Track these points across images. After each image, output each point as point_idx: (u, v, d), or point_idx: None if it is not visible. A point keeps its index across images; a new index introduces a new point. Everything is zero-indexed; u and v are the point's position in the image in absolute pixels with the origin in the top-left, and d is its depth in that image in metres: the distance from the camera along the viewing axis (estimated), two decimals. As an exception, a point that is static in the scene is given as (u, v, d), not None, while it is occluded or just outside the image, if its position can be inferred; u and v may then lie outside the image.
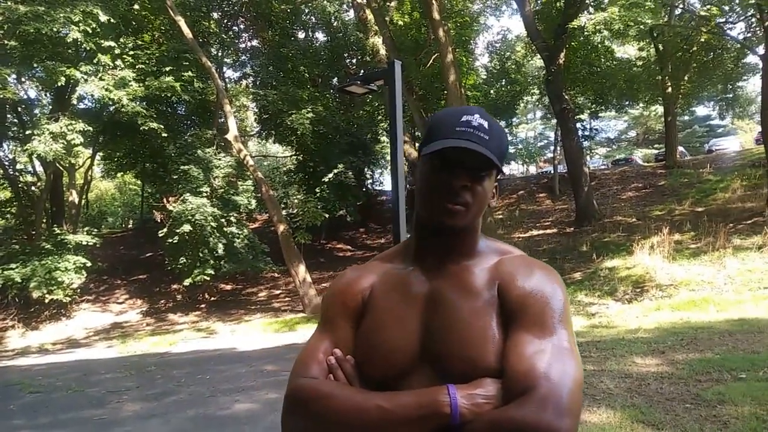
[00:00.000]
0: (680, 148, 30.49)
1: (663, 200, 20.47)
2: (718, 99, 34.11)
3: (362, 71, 24.01)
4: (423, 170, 1.16)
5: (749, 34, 21.28)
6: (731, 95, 32.01)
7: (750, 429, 3.87)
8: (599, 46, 23.57)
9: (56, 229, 19.35)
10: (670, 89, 23.92)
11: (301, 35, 28.23)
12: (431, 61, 21.10)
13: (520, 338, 1.04)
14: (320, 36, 29.05)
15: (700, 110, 45.13)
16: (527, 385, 0.96)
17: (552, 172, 28.50)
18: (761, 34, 17.52)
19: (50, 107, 20.71)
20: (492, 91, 29.93)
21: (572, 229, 19.51)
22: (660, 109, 32.34)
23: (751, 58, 23.38)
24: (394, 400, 1.01)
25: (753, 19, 19.31)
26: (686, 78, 24.07)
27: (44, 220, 21.82)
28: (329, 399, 1.06)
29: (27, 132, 17.61)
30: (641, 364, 6.07)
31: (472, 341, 1.06)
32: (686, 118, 43.14)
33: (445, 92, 19.11)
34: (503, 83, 30.67)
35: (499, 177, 1.19)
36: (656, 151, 38.02)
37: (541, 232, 20.48)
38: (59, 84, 16.75)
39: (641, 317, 9.65)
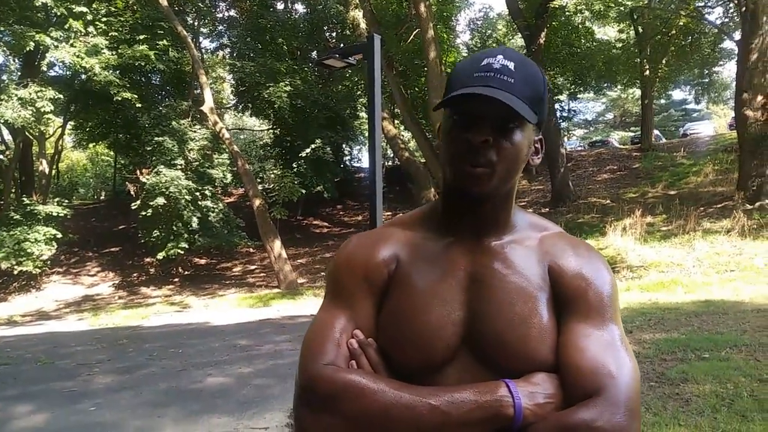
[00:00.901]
0: (656, 132, 30.92)
1: (637, 183, 20.78)
2: (695, 83, 34.60)
3: (342, 45, 23.74)
4: (442, 129, 0.99)
5: (726, 20, 21.55)
6: (707, 80, 32.48)
7: (710, 406, 3.98)
8: (580, 26, 23.64)
9: (26, 199, 18.99)
10: (647, 72, 24.15)
11: (280, 6, 27.72)
12: (412, 37, 20.93)
13: (579, 330, 0.93)
14: (299, 7, 28.57)
15: (677, 94, 45.87)
16: (595, 385, 0.87)
17: (529, 152, 28.66)
18: (738, 19, 17.70)
19: (19, 73, 20.15)
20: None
21: (548, 209, 19.71)
22: (637, 92, 32.72)
23: (728, 44, 23.73)
24: (448, 399, 0.87)
25: (731, 4, 19.51)
26: (664, 61, 24.30)
27: (13, 190, 21.38)
28: (368, 395, 0.88)
29: (-7, 97, 17.14)
30: (609, 343, 6.18)
31: (525, 330, 0.94)
32: (663, 101, 43.72)
33: (425, 69, 19.01)
34: (483, 62, 30.58)
35: (540, 131, 1.03)
36: (632, 134, 38.50)
37: (516, 211, 20.65)
38: (28, 49, 16.28)
39: (611, 297, 9.80)
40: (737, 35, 17.30)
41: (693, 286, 9.89)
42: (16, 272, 17.80)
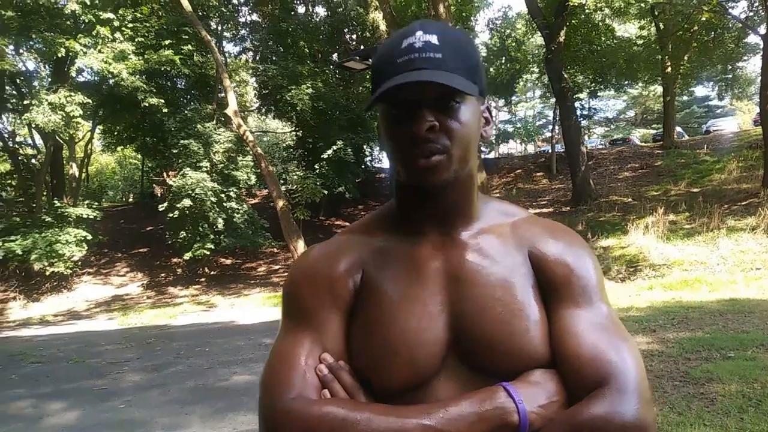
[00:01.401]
0: (678, 129, 30.49)
1: (659, 180, 20.52)
2: (718, 79, 34.02)
3: (362, 47, 23.84)
4: (381, 124, 0.90)
5: (751, 14, 21.17)
6: (731, 76, 31.91)
7: (736, 406, 3.93)
8: (600, 24, 23.39)
9: (57, 202, 19.40)
10: (669, 69, 23.81)
11: (301, 10, 27.92)
12: (431, 38, 20.91)
13: (571, 317, 0.86)
14: (320, 11, 28.72)
15: (699, 90, 45.02)
16: (599, 374, 0.79)
17: (550, 151, 28.46)
18: (763, 13, 17.42)
19: (49, 79, 20.61)
20: (492, 69, 29.80)
21: (568, 208, 19.59)
22: (659, 89, 32.24)
23: (752, 38, 23.28)
24: (443, 415, 0.77)
25: (756, -1, 19.19)
26: (686, 58, 23.94)
27: (44, 193, 21.86)
28: (349, 427, 0.77)
29: (25, 102, 17.57)
30: (632, 341, 6.17)
31: (515, 325, 0.85)
32: (685, 98, 42.98)
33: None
34: (503, 61, 30.52)
35: (485, 99, 0.94)
36: (654, 132, 37.96)
37: (537, 211, 20.56)
38: (58, 56, 16.66)
39: (634, 296, 9.75)
40: (762, 29, 17.03)
41: (717, 284, 9.79)
42: (48, 273, 18.20)
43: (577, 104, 24.73)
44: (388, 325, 0.86)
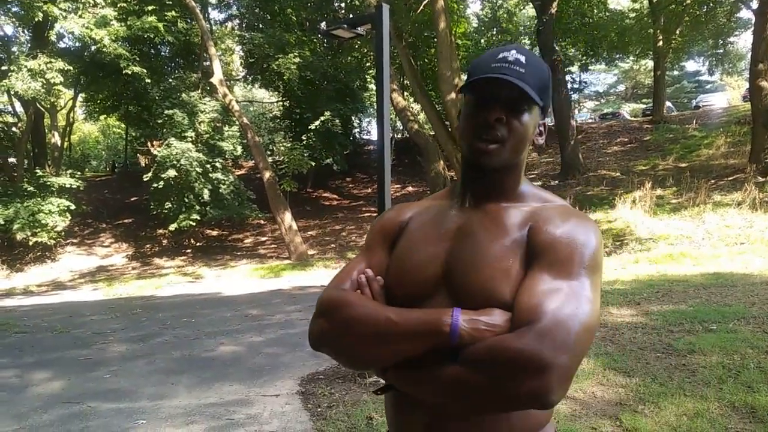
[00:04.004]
0: (668, 104, 30.51)
1: (648, 155, 20.59)
2: (709, 54, 33.99)
3: (351, 15, 23.44)
4: (462, 110, 1.16)
5: (744, -12, 21.01)
6: (722, 51, 31.89)
7: (716, 377, 4.01)
8: (593, -5, 23.21)
9: (38, 171, 19.12)
10: (661, 43, 23.73)
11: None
12: (422, 8, 20.63)
13: (537, 276, 1.02)
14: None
15: (690, 65, 45.04)
16: (531, 318, 0.94)
17: (539, 124, 28.31)
18: (756, -12, 17.30)
19: (29, 45, 20.12)
20: (482, 40, 29.52)
21: (557, 182, 19.62)
22: (650, 64, 32.19)
23: (744, 13, 23.23)
24: (403, 315, 1.04)
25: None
26: (678, 32, 23.85)
27: (26, 162, 21.52)
28: (350, 307, 1.11)
29: (3, 68, 17.17)
30: (616, 314, 6.22)
31: (492, 275, 1.05)
32: (675, 73, 42.99)
33: (435, 40, 18.78)
34: (494, 32, 30.23)
35: (545, 119, 1.19)
36: (644, 106, 38.00)
37: (526, 184, 20.54)
38: (37, 20, 16.23)
39: (619, 269, 9.83)
40: (754, 4, 16.95)
41: (702, 258, 9.89)
42: (31, 243, 18.05)
43: (567, 77, 24.60)
44: (405, 255, 1.20)
